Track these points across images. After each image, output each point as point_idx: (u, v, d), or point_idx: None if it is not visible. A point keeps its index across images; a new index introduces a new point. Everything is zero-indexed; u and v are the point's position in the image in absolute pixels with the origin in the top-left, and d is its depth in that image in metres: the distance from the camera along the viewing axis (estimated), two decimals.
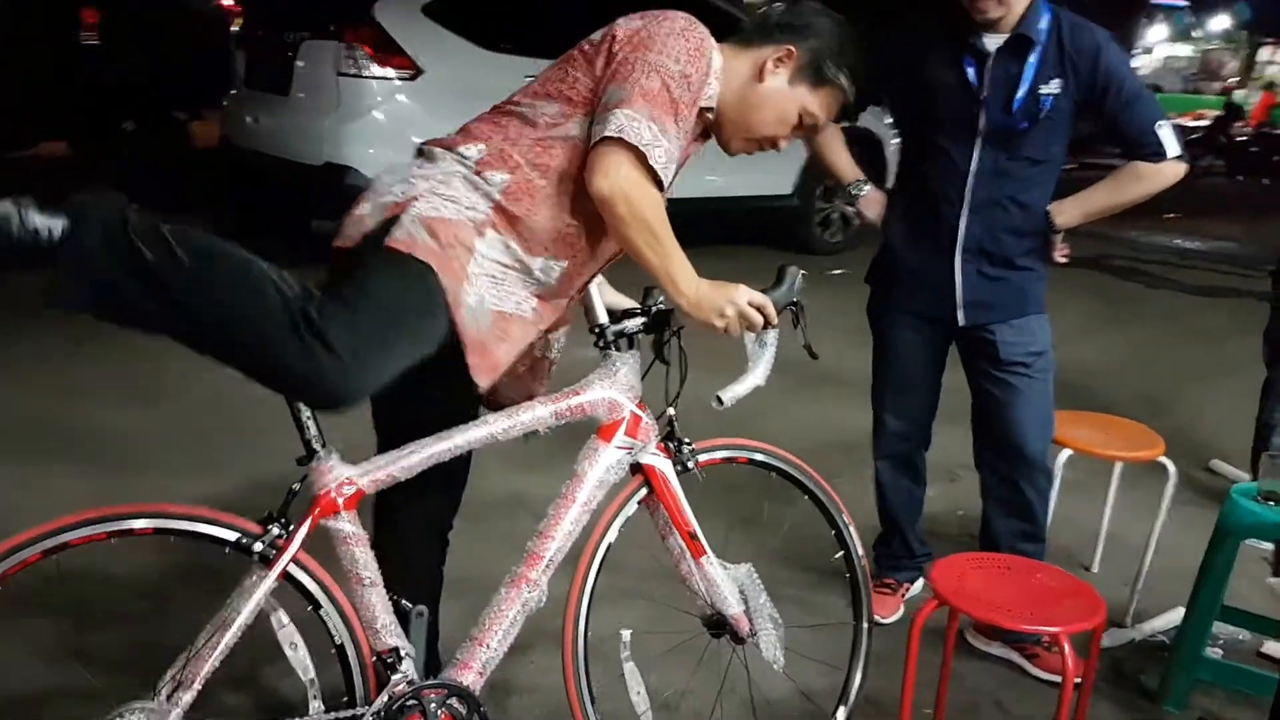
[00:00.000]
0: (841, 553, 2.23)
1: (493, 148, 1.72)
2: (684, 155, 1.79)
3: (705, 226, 5.86)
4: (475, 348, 1.68)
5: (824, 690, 2.40)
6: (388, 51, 5.55)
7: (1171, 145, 2.40)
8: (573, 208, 1.73)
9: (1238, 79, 22.22)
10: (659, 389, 1.93)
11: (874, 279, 2.75)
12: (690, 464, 1.99)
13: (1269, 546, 3.12)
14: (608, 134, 1.61)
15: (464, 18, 5.75)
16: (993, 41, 2.39)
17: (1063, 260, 2.60)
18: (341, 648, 1.70)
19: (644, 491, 1.96)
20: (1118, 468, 3.03)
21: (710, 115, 1.83)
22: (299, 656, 1.66)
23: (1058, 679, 2.54)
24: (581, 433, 1.90)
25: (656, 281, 1.72)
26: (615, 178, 1.62)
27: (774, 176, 7.17)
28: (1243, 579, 2.58)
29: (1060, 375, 2.72)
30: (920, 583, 2.96)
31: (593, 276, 1.90)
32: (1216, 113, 18.06)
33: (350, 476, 1.66)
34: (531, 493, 3.13)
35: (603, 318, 1.91)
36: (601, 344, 1.90)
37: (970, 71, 2.41)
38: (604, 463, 1.87)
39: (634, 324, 1.90)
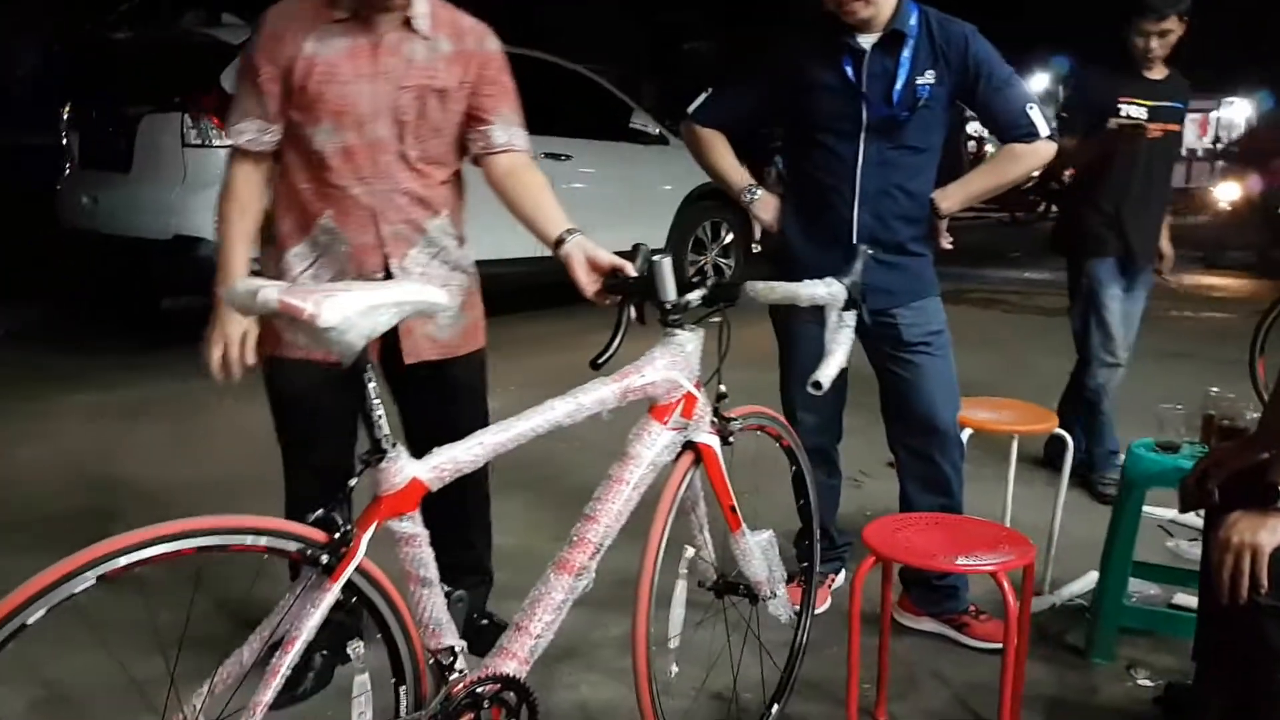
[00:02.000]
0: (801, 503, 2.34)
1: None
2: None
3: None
4: None
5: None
6: None
7: (1042, 125, 2.51)
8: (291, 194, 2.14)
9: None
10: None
11: (775, 277, 2.75)
12: (732, 438, 1.99)
13: (1164, 514, 3.23)
14: None
15: None
16: (867, 40, 2.48)
17: (948, 246, 2.67)
18: (396, 651, 1.57)
19: (696, 468, 1.94)
20: (1015, 444, 3.09)
21: None
22: (362, 680, 1.53)
23: (989, 645, 2.57)
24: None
25: None
26: None
27: (645, 232, 7.21)
28: (1141, 546, 2.64)
29: None
30: (843, 574, 2.94)
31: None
32: None
33: (417, 474, 1.53)
34: None
35: (672, 294, 1.84)
36: (668, 321, 1.85)
37: (849, 69, 2.49)
38: (659, 445, 1.83)
39: (695, 296, 1.86)
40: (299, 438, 2.23)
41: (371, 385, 1.48)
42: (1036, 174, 2.79)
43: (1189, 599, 2.71)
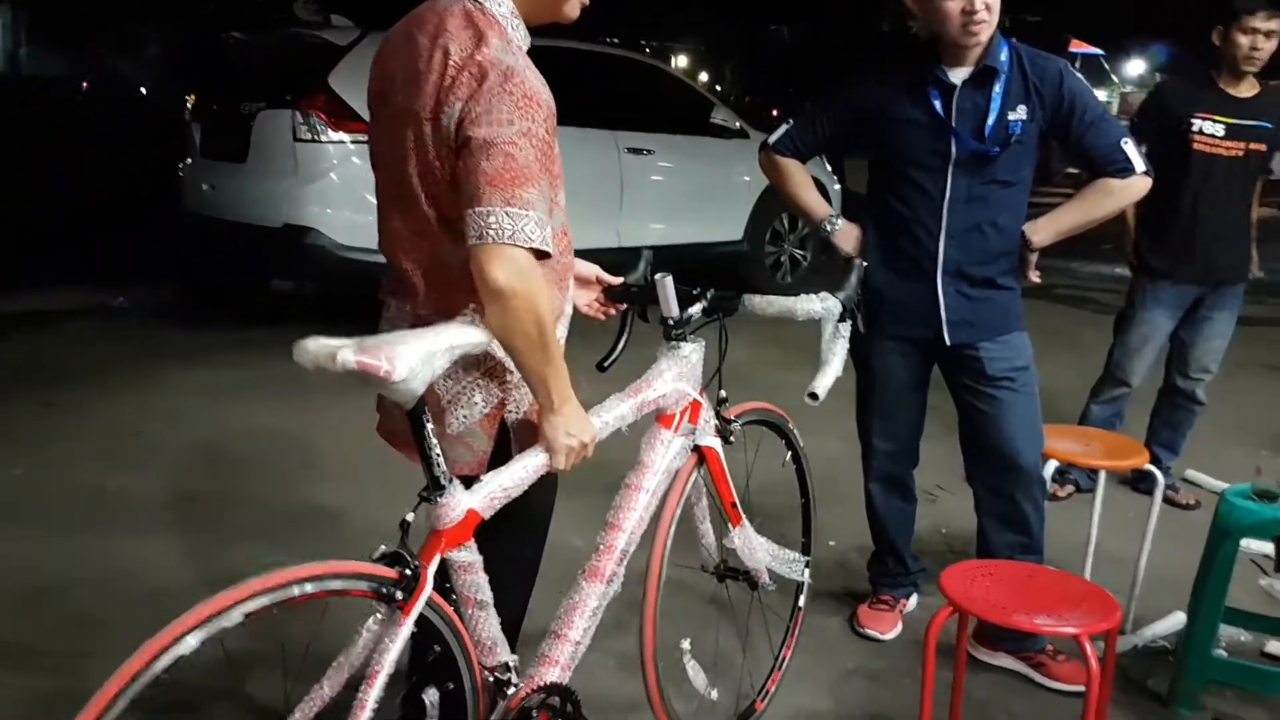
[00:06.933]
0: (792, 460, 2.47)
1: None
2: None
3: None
4: None
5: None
6: (343, 117, 5.56)
7: (1137, 161, 2.47)
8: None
9: None
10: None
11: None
12: (733, 438, 2.11)
13: (1260, 548, 3.14)
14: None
15: None
16: (958, 75, 2.46)
17: (1037, 280, 2.63)
18: (458, 672, 1.65)
19: (699, 469, 2.08)
20: (1102, 476, 3.04)
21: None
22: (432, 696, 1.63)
23: (1067, 687, 2.57)
24: None
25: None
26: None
27: (723, 223, 7.32)
28: (1233, 583, 2.54)
29: None
30: (915, 598, 2.96)
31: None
32: None
33: (472, 505, 1.60)
34: None
35: (675, 311, 1.95)
36: (673, 335, 1.96)
37: (937, 104, 2.47)
38: (671, 451, 1.95)
39: (697, 310, 1.98)
40: None
41: (430, 426, 1.52)
42: None
43: None
